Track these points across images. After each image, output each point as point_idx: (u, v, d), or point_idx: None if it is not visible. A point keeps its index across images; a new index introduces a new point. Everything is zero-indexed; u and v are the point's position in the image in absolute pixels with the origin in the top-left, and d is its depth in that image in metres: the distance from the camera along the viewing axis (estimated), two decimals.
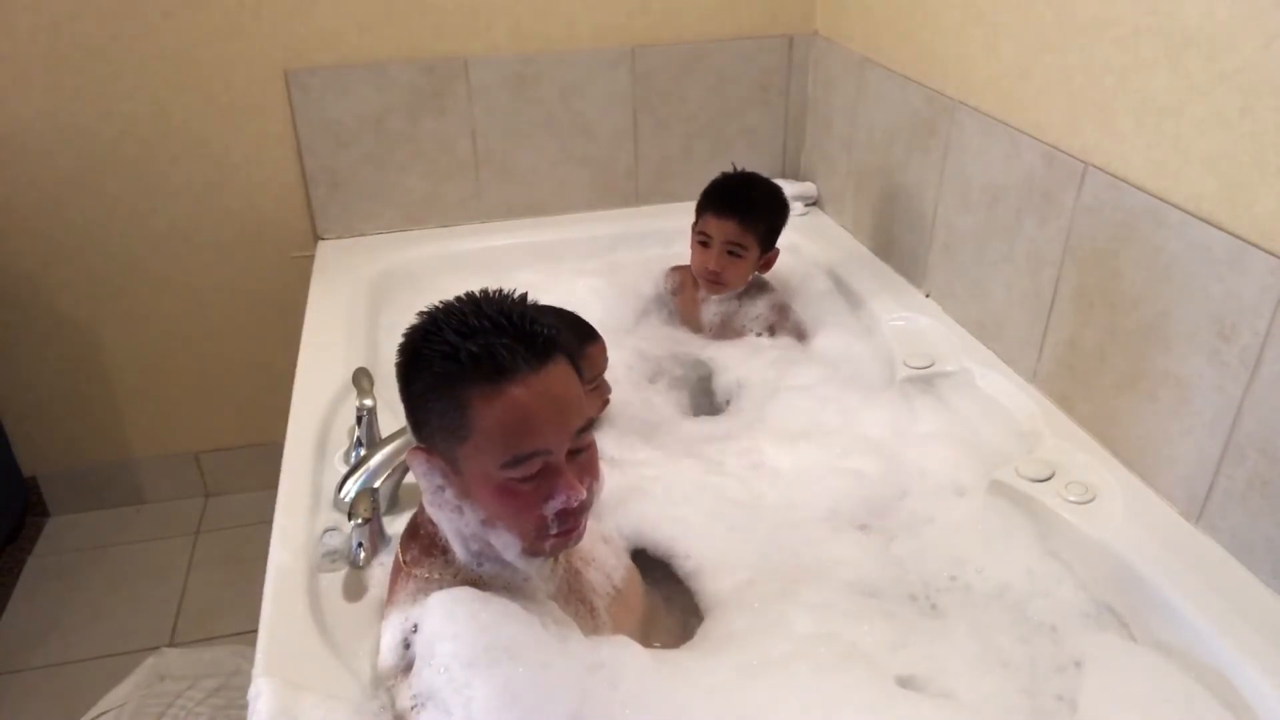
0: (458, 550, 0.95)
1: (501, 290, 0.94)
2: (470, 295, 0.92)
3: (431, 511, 0.95)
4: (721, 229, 1.68)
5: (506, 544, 0.91)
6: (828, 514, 1.31)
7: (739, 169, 1.77)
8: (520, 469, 0.87)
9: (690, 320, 1.83)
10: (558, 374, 0.89)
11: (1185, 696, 1.01)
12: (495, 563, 0.95)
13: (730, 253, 1.69)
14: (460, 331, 0.87)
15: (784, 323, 1.79)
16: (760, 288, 1.81)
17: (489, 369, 0.86)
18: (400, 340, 0.93)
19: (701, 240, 1.72)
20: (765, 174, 2.27)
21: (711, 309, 1.80)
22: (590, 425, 0.93)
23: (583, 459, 0.92)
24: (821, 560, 1.24)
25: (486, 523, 0.91)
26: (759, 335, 1.77)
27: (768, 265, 1.76)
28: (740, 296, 1.79)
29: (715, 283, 1.73)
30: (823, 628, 1.10)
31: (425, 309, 0.93)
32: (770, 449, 1.42)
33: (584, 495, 0.90)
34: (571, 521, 0.92)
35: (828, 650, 1.06)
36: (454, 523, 0.93)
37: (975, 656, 1.09)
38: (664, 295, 1.89)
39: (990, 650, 1.11)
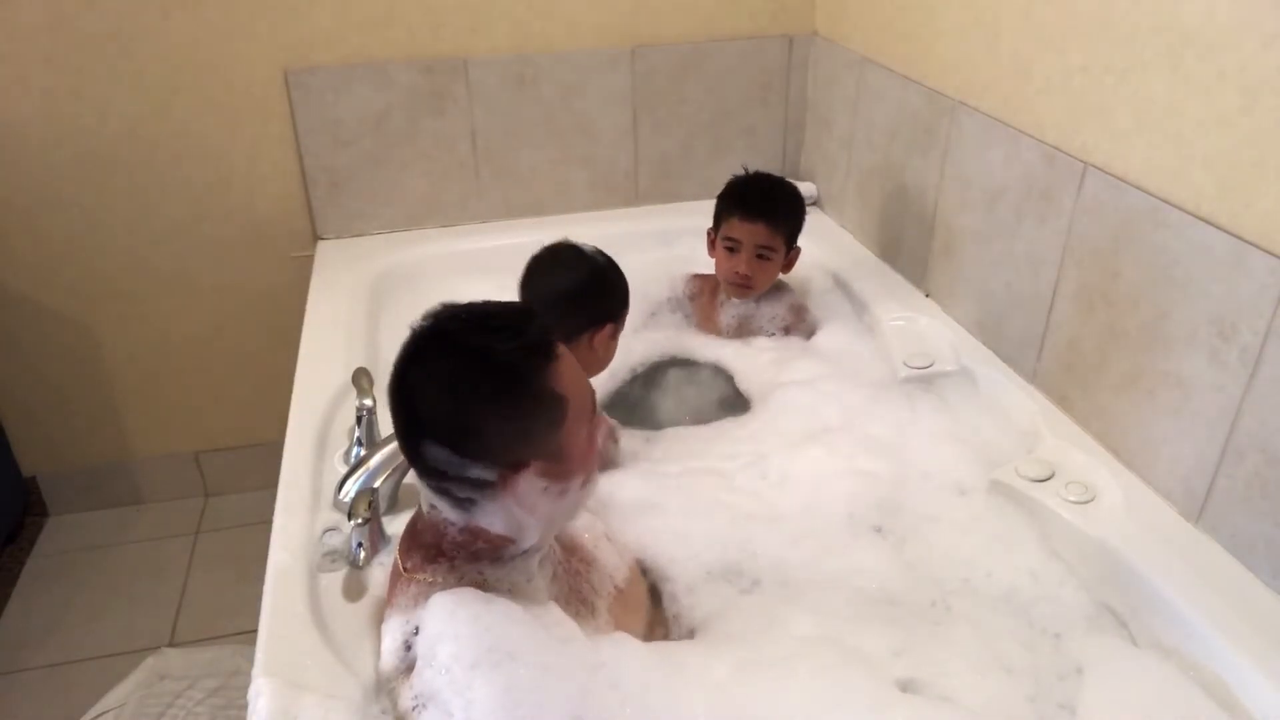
0: (532, 538, 0.96)
1: (488, 301, 0.96)
2: (470, 307, 0.93)
3: (523, 519, 0.94)
4: (751, 233, 1.66)
5: (590, 487, 0.99)
6: (845, 520, 1.31)
7: (749, 170, 1.75)
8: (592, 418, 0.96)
9: (708, 324, 1.82)
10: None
11: (1185, 701, 1.01)
12: (498, 564, 0.95)
13: (760, 256, 1.67)
14: (500, 332, 0.90)
15: (799, 324, 1.78)
16: (778, 289, 1.80)
17: (544, 352, 0.91)
18: (433, 390, 0.90)
19: (729, 246, 1.69)
20: None
21: (730, 312, 1.79)
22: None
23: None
24: (841, 568, 1.24)
25: (586, 482, 0.97)
26: (771, 335, 1.76)
27: (790, 265, 1.75)
28: (760, 299, 1.77)
29: (745, 287, 1.71)
30: (826, 629, 1.10)
31: (412, 323, 0.94)
32: (779, 458, 1.41)
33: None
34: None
35: (830, 651, 1.06)
36: (551, 510, 0.95)
37: (978, 661, 1.09)
38: (681, 300, 1.87)
39: (994, 655, 1.10)
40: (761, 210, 1.66)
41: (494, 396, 0.89)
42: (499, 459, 0.90)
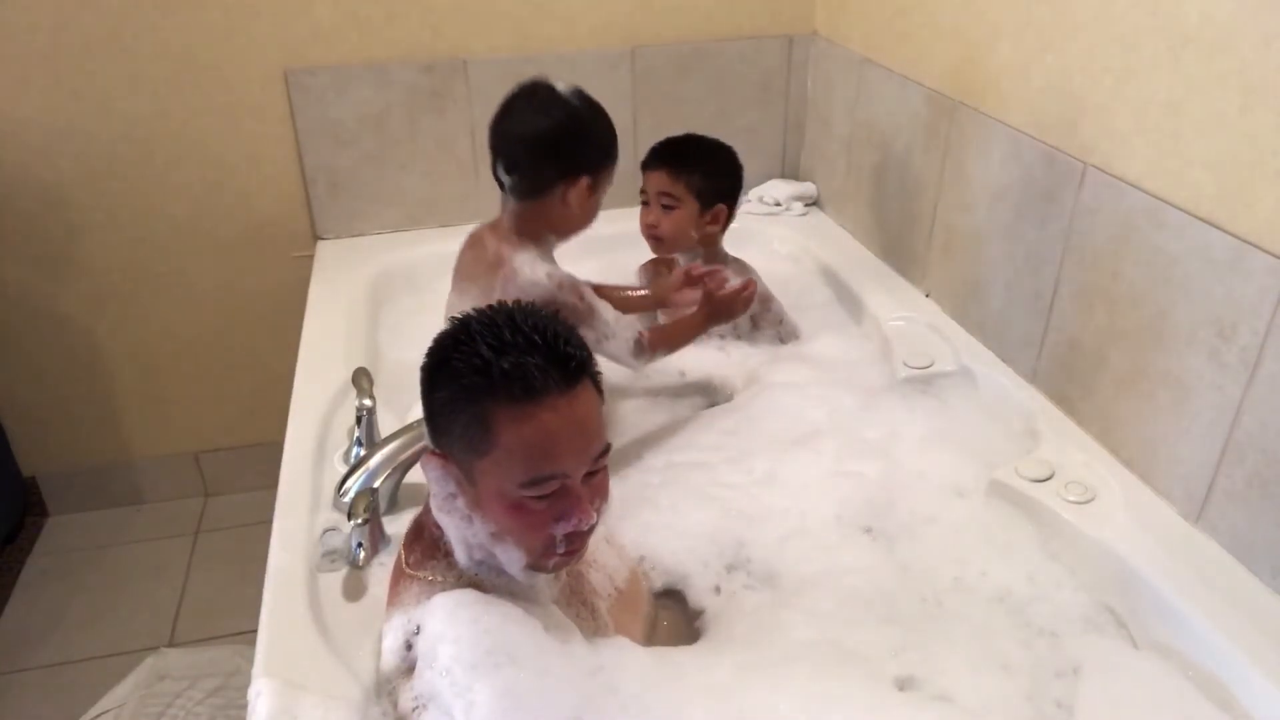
0: (460, 557, 0.95)
1: (534, 305, 0.93)
2: (504, 306, 0.91)
3: (439, 517, 0.95)
4: (653, 181, 1.67)
5: (511, 558, 0.91)
6: (834, 519, 1.31)
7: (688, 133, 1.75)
8: (537, 489, 0.87)
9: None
10: (584, 398, 0.88)
11: (1182, 701, 1.01)
12: (497, 570, 0.95)
13: (665, 206, 1.66)
14: (493, 345, 0.86)
15: (766, 313, 1.75)
16: (739, 270, 1.76)
17: (519, 389, 0.84)
18: (430, 344, 0.91)
19: (642, 200, 1.71)
20: (765, 174, 2.28)
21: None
22: (608, 450, 0.92)
23: (596, 481, 0.92)
24: (828, 567, 1.23)
25: (495, 536, 0.91)
26: (736, 325, 1.73)
27: (716, 221, 1.70)
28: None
29: (655, 238, 1.70)
30: (823, 631, 1.10)
31: (458, 315, 0.91)
32: (771, 455, 1.41)
33: (594, 519, 0.90)
34: (578, 542, 0.92)
35: (828, 652, 1.06)
36: (461, 531, 0.93)
37: (975, 660, 1.09)
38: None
39: (990, 654, 1.10)
40: (662, 159, 1.67)
41: (435, 377, 0.90)
42: (434, 436, 0.92)
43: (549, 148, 1.32)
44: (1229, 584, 1.13)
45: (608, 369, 1.67)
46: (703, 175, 1.67)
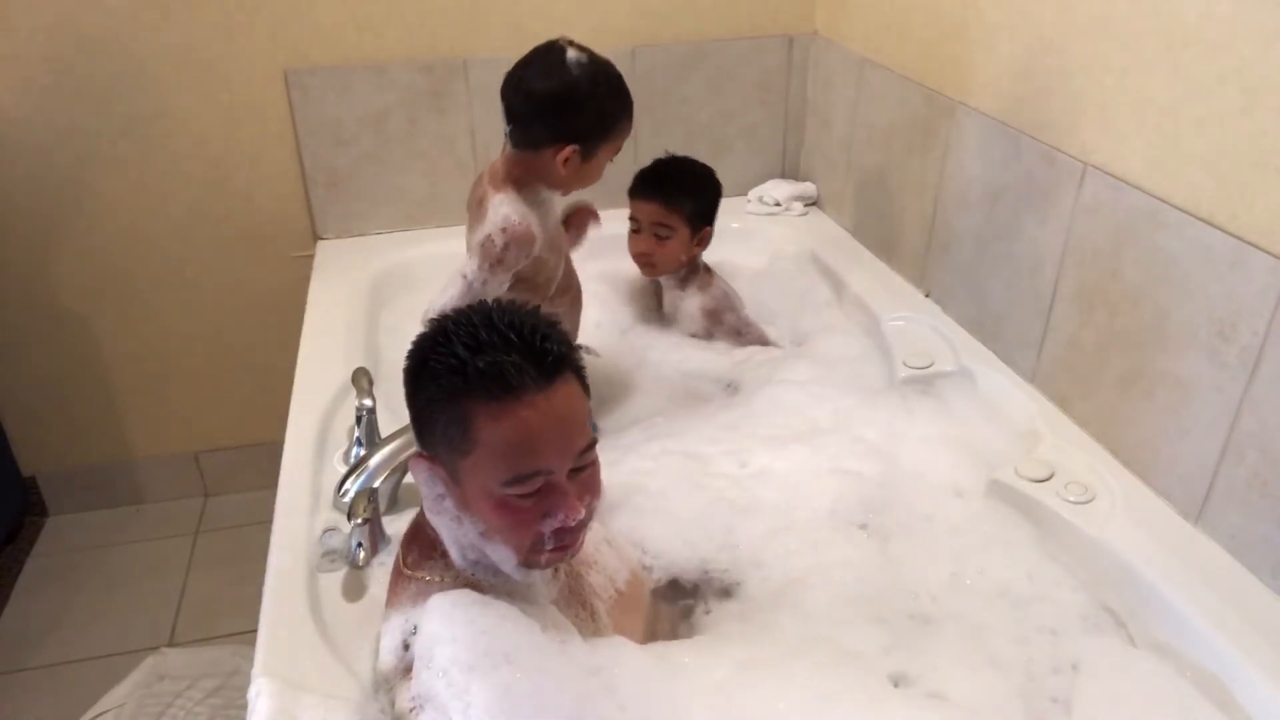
0: (455, 557, 0.95)
1: (514, 301, 0.93)
2: (481, 305, 0.91)
3: (431, 518, 0.95)
4: (647, 211, 1.71)
5: (503, 557, 0.92)
6: (827, 515, 1.31)
7: (670, 154, 1.79)
8: (521, 486, 0.87)
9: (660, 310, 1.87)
10: (565, 393, 0.88)
11: (1180, 700, 1.01)
12: (493, 570, 0.95)
13: (657, 235, 1.71)
14: (469, 345, 0.86)
15: (718, 326, 1.79)
16: (703, 287, 1.81)
17: (496, 387, 0.85)
18: (410, 347, 0.92)
19: (633, 227, 1.75)
20: (765, 174, 2.28)
21: (667, 298, 1.84)
22: (594, 444, 0.92)
23: (584, 476, 0.92)
24: (821, 562, 1.24)
25: (484, 535, 0.91)
26: (694, 335, 1.79)
27: (702, 244, 1.77)
28: (684, 285, 1.81)
29: (648, 265, 1.76)
30: (820, 628, 1.10)
31: (435, 316, 0.92)
32: (767, 451, 1.42)
33: (582, 514, 0.90)
34: (568, 538, 0.92)
35: (825, 651, 1.06)
36: (452, 531, 0.94)
37: (973, 659, 1.09)
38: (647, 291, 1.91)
39: (987, 652, 1.11)
40: (656, 189, 1.71)
41: (415, 379, 0.90)
42: (419, 438, 0.93)
43: (542, 110, 1.34)
44: (1228, 584, 1.13)
45: (613, 366, 1.72)
46: (693, 202, 1.72)
